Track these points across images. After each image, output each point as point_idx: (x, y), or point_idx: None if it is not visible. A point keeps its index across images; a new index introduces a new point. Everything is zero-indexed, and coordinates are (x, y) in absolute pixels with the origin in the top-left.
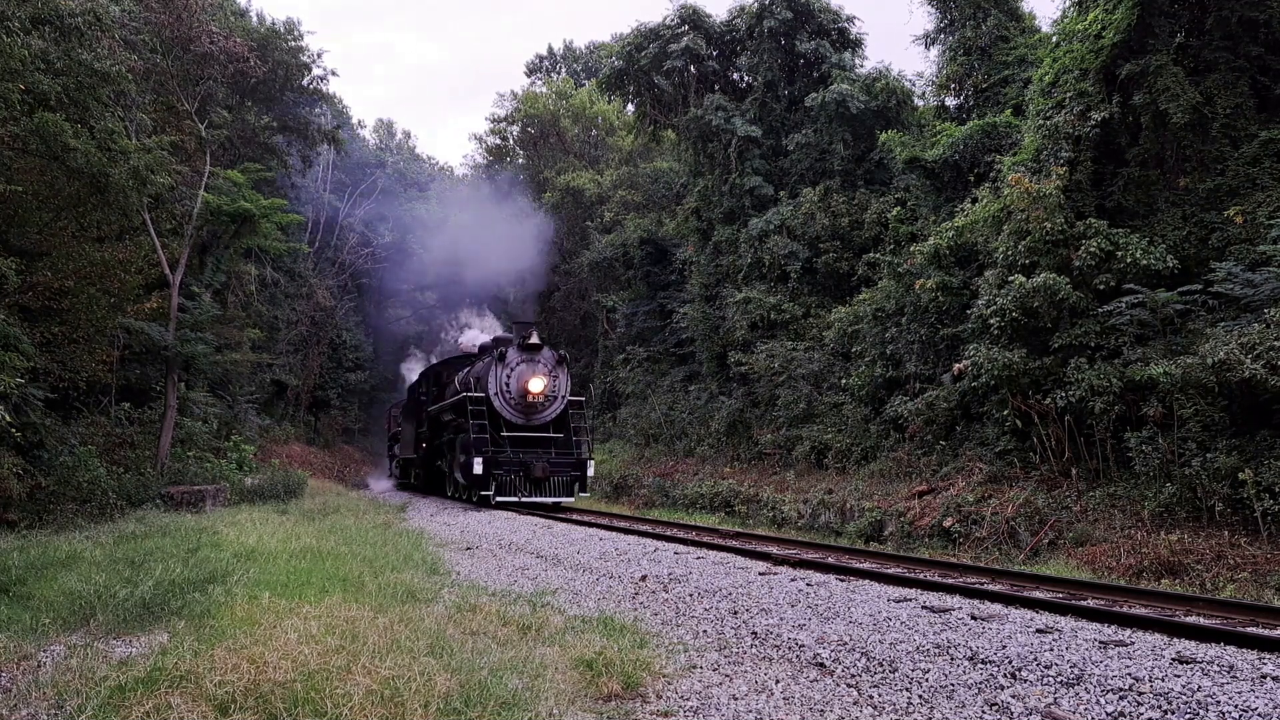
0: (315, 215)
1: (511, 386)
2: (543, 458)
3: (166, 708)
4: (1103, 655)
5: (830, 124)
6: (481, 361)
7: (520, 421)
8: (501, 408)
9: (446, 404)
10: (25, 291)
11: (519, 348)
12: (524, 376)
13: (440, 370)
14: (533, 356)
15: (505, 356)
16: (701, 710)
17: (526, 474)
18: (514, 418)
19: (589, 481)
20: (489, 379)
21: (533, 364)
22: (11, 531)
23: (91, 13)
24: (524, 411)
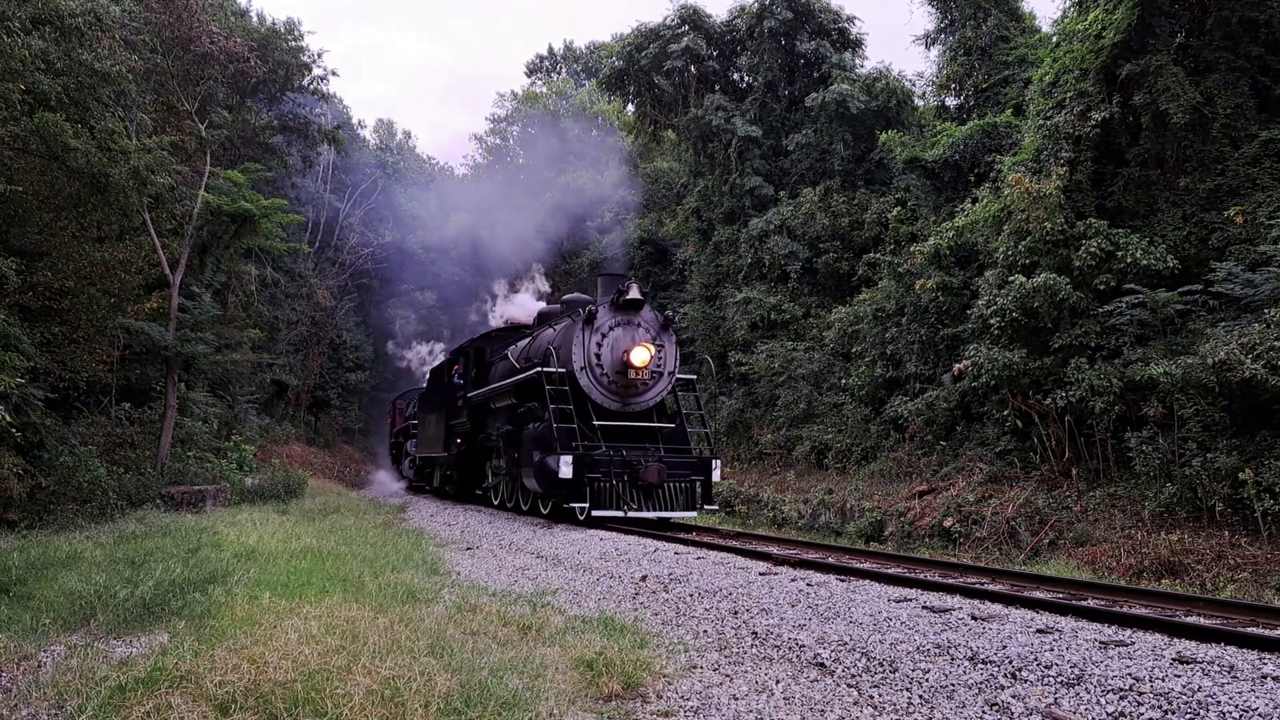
0: (315, 215)
1: (604, 358)
2: (652, 456)
3: (167, 708)
4: (1103, 655)
5: (830, 124)
6: (548, 330)
7: (615, 406)
8: (590, 387)
9: (499, 387)
10: (25, 291)
11: (612, 307)
12: (621, 344)
13: (481, 347)
14: (631, 318)
15: (594, 318)
16: (702, 710)
17: (633, 478)
18: (606, 401)
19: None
20: (573, 349)
21: (631, 328)
22: (11, 531)
23: (92, 13)
24: (620, 393)
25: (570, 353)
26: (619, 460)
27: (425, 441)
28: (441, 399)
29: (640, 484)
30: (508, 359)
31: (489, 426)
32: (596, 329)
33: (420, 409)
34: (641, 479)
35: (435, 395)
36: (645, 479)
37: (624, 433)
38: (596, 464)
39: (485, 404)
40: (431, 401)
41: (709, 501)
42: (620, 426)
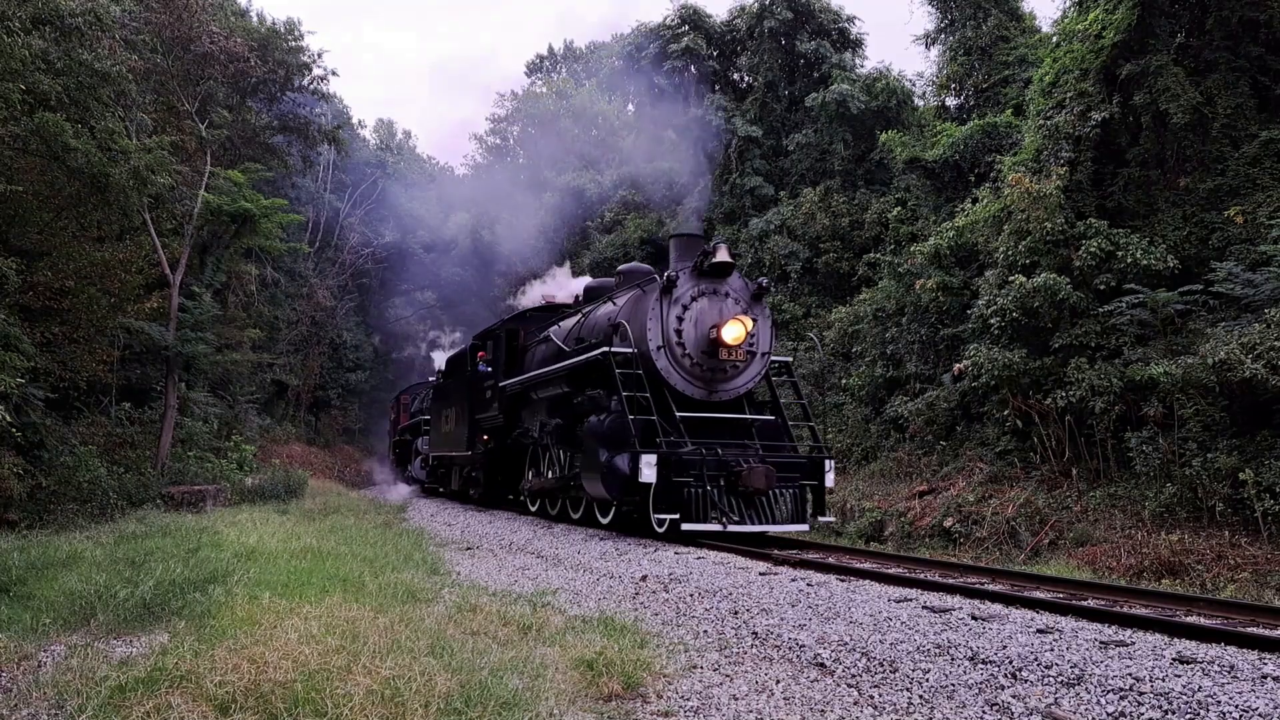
0: (316, 215)
1: (687, 335)
2: (752, 454)
3: (167, 708)
4: (1103, 655)
5: (830, 124)
6: (605, 305)
7: (698, 395)
8: (668, 370)
9: (542, 374)
10: (25, 291)
11: (695, 273)
12: (707, 318)
13: (514, 329)
14: (718, 285)
15: (674, 285)
16: (702, 710)
17: (730, 483)
18: (688, 388)
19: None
20: (646, 324)
21: (718, 298)
22: (12, 531)
23: (92, 13)
24: (706, 378)
25: (643, 329)
26: (713, 460)
27: (441, 439)
28: (463, 391)
29: (740, 490)
30: (550, 341)
31: (526, 420)
32: (676, 300)
33: (435, 403)
34: (743, 484)
35: (454, 387)
36: (749, 484)
37: (709, 426)
38: (686, 465)
39: (523, 394)
40: (449, 394)
41: (821, 511)
42: (705, 419)
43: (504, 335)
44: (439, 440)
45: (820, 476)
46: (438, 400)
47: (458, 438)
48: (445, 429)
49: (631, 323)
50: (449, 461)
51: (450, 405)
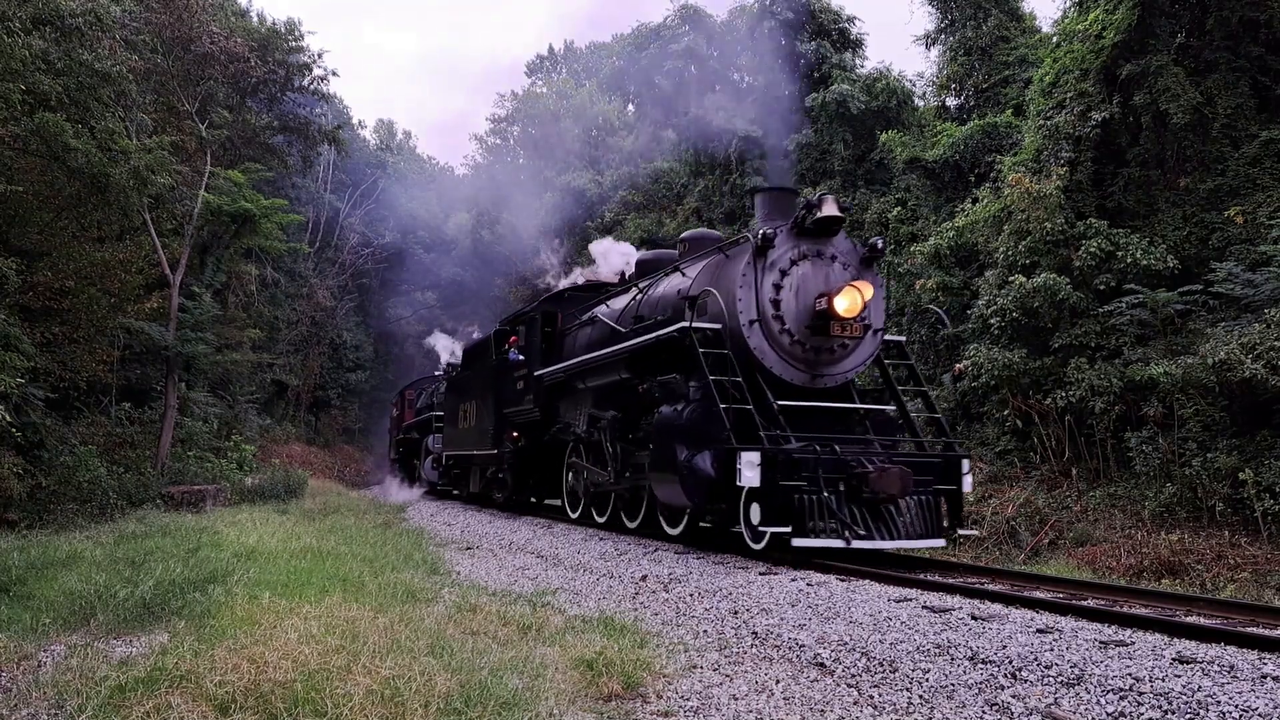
0: (316, 215)
1: (786, 307)
2: (875, 452)
3: (167, 708)
4: (1103, 655)
5: (831, 124)
6: (673, 277)
7: (798, 380)
8: (763, 349)
9: (593, 360)
10: (26, 291)
11: (795, 231)
12: (812, 286)
13: (551, 311)
14: (822, 246)
15: (770, 245)
16: (702, 710)
17: (851, 488)
18: (788, 371)
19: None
20: (736, 293)
21: (823, 262)
22: (12, 531)
23: (92, 13)
24: (809, 359)
25: (731, 300)
26: (830, 460)
27: (458, 436)
28: (486, 383)
29: (865, 497)
30: (598, 323)
31: (567, 414)
32: (772, 264)
33: (450, 397)
34: (871, 488)
35: (475, 379)
36: (880, 489)
37: (808, 419)
38: (797, 465)
39: (564, 385)
40: (468, 387)
41: (960, 523)
42: (809, 409)
43: (539, 318)
44: (455, 438)
45: (956, 480)
46: (453, 394)
47: (479, 434)
48: (463, 425)
49: (713, 294)
50: (467, 461)
51: (469, 399)
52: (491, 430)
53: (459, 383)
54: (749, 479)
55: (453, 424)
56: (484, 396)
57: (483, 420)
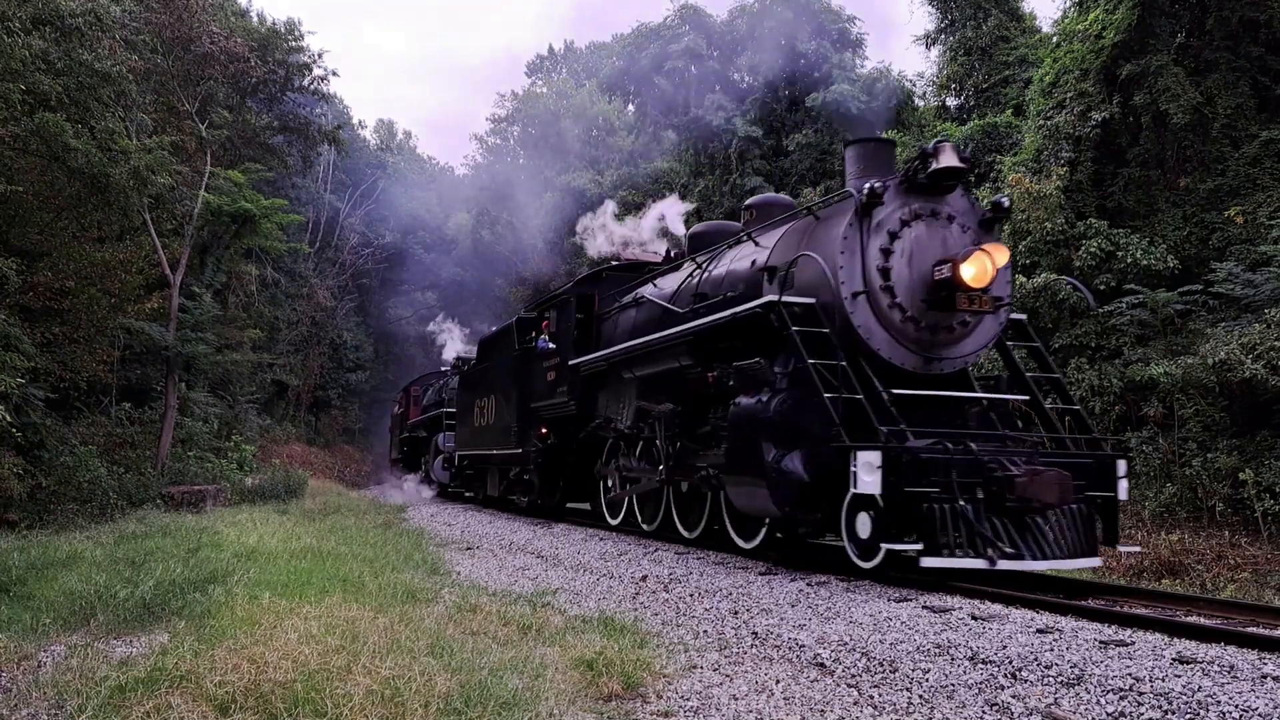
0: (316, 215)
1: (898, 276)
2: (1014, 453)
3: (167, 708)
4: (1103, 655)
5: (831, 124)
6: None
7: (912, 365)
8: (870, 327)
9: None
10: (26, 292)
11: (905, 187)
12: (928, 251)
13: (587, 294)
14: (937, 204)
15: (878, 202)
16: (702, 710)
17: (994, 494)
18: (899, 354)
19: None
20: (838, 259)
21: (939, 222)
22: (12, 531)
23: (92, 13)
24: (924, 339)
25: (834, 266)
26: (965, 460)
27: (473, 435)
28: (508, 375)
29: (1011, 505)
30: (646, 304)
31: (607, 407)
32: (879, 226)
33: (464, 392)
34: (1019, 495)
35: (494, 371)
36: (1030, 496)
37: (920, 411)
38: (926, 467)
39: (605, 375)
40: (486, 381)
41: (1115, 537)
42: (919, 400)
43: (574, 301)
44: (469, 436)
45: (1111, 484)
46: (468, 389)
47: (499, 432)
48: (479, 422)
49: (812, 259)
50: (484, 461)
51: (487, 394)
52: (515, 427)
53: (474, 377)
54: (867, 484)
55: (467, 421)
56: (506, 391)
57: (504, 416)
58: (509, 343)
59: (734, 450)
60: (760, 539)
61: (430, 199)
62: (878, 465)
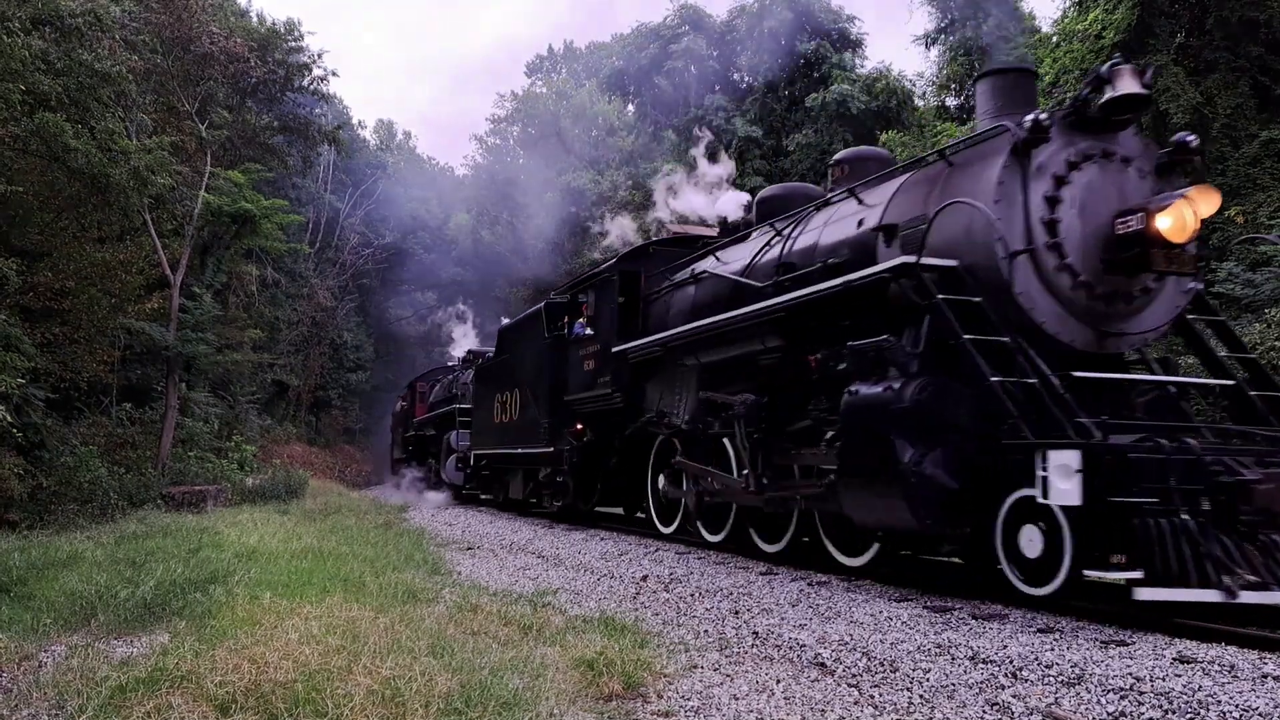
0: (316, 215)
1: (1068, 231)
2: (1237, 451)
3: (167, 708)
4: (1104, 655)
5: (831, 124)
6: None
7: (1083, 342)
8: (1031, 294)
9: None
10: (26, 292)
11: (1072, 122)
12: (1104, 201)
13: (632, 272)
14: (1110, 144)
15: (1042, 138)
16: (703, 710)
17: (1219, 505)
18: (1069, 329)
19: None
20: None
21: (1113, 165)
22: (12, 532)
23: (92, 13)
24: (1096, 311)
25: (986, 222)
26: (1184, 462)
27: (493, 432)
28: (536, 366)
29: (1249, 515)
30: (709, 280)
31: (658, 399)
32: (1040, 169)
33: (482, 386)
34: (1258, 505)
35: (518, 363)
36: (1275, 507)
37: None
38: (1136, 471)
39: (661, 361)
40: (507, 373)
41: None
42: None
43: (616, 280)
44: (488, 434)
45: None
46: (486, 383)
47: (524, 429)
48: (500, 419)
49: (946, 216)
50: (505, 461)
51: (510, 388)
52: (546, 423)
53: (494, 370)
54: (1064, 493)
55: (485, 418)
56: (533, 383)
57: (530, 411)
58: (536, 330)
59: (852, 450)
60: (871, 555)
61: (430, 199)
62: (1077, 468)
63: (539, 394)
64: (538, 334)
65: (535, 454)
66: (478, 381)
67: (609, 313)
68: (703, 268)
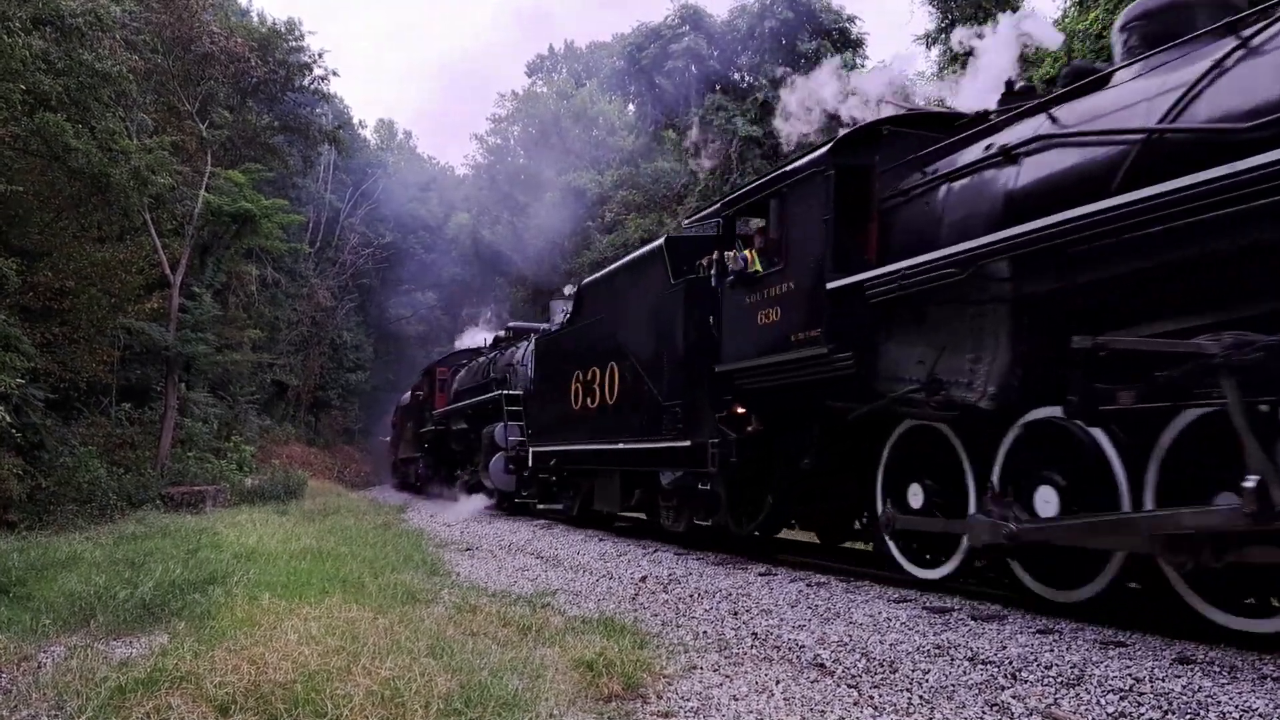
0: (316, 215)
1: None
2: None
3: (167, 708)
4: (1103, 655)
5: (831, 124)
6: None
7: None
8: None
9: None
10: (26, 292)
11: None
12: None
13: (855, 166)
14: None
15: None
16: (702, 710)
17: None
18: None
19: None
20: None
21: None
22: (12, 532)
23: (92, 13)
24: None
25: None
26: None
27: (570, 422)
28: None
29: None
30: (1063, 148)
31: (917, 359)
32: None
33: (545, 365)
34: None
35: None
36: None
37: None
38: None
39: (930, 297)
40: (599, 342)
41: None
42: None
43: (832, 177)
44: (558, 425)
45: None
46: (555, 360)
47: (629, 417)
48: (583, 405)
49: None
50: (589, 461)
51: (599, 361)
52: (677, 406)
53: (569, 340)
54: None
55: (553, 404)
56: (647, 350)
57: (641, 392)
58: (652, 276)
59: None
60: None
61: (430, 199)
62: None
63: (661, 366)
64: (653, 281)
65: (653, 450)
66: (542, 359)
67: (813, 230)
68: (1020, 136)
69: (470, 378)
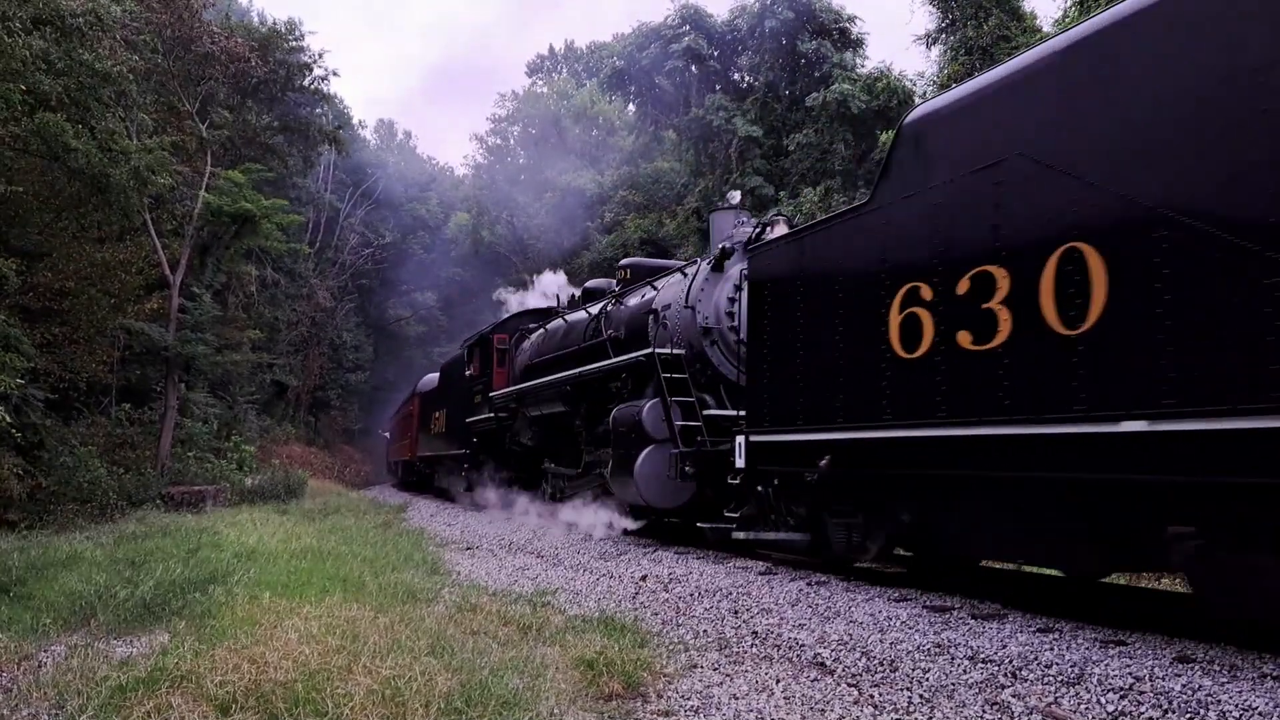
0: (316, 215)
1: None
2: None
3: (167, 708)
4: (1103, 654)
5: (831, 124)
6: None
7: None
8: None
9: None
10: (26, 292)
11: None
12: None
13: None
14: None
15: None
16: (702, 709)
17: None
18: None
19: None
20: None
21: None
22: (12, 532)
23: (92, 13)
24: None
25: None
26: None
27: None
28: None
29: None
30: None
31: None
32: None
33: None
34: None
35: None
36: None
37: None
38: None
39: None
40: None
41: None
42: None
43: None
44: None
45: None
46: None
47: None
48: (918, 350)
49: None
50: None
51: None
52: None
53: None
54: None
55: (818, 358)
56: None
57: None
58: None
59: None
60: None
61: (430, 199)
62: None
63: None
64: None
65: None
66: (785, 284)
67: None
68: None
69: (552, 344)
